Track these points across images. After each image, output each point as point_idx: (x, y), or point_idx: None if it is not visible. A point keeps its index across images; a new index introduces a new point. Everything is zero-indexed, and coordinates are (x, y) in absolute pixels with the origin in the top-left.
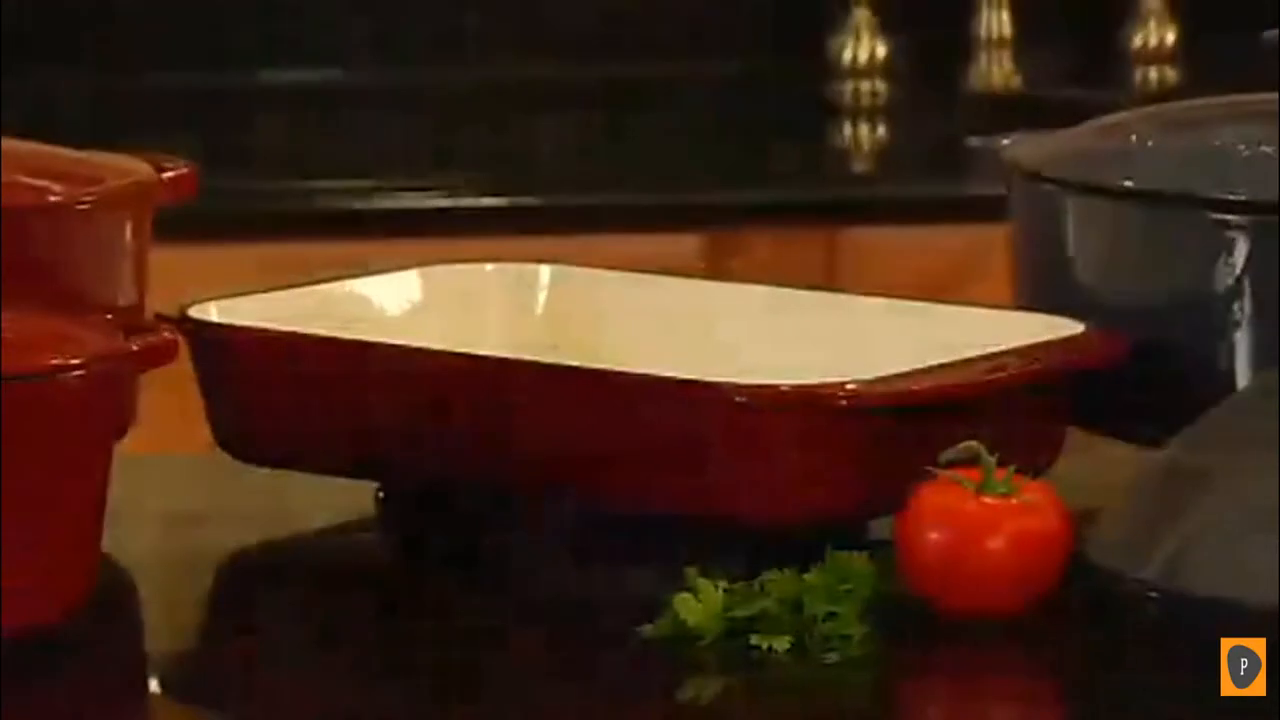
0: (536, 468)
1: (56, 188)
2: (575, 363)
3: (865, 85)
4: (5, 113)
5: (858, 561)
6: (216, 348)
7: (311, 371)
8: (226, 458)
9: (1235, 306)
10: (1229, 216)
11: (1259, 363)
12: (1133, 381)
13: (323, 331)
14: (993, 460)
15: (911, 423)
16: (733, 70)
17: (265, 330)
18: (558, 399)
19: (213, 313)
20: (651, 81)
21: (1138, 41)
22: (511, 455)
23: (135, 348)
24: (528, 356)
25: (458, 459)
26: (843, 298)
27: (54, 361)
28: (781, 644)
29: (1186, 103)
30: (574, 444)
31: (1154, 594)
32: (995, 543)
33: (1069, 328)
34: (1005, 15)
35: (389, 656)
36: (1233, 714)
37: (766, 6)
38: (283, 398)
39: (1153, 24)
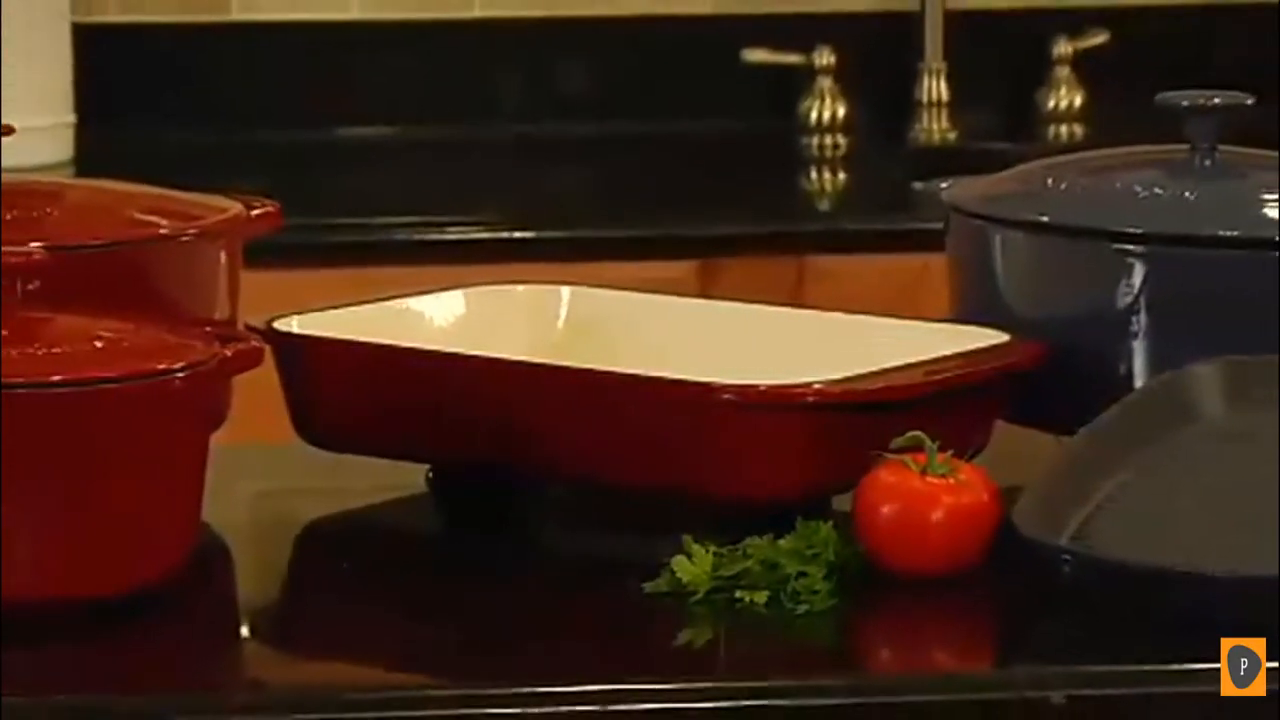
0: (558, 452)
1: (164, 223)
2: (590, 366)
3: (828, 139)
4: (124, 163)
5: (823, 530)
6: (296, 354)
7: (374, 373)
8: (304, 445)
9: (1133, 320)
10: (1128, 246)
11: (1153, 367)
12: (1049, 382)
13: (383, 341)
14: (934, 446)
15: (867, 416)
16: (719, 127)
17: (336, 339)
18: (577, 396)
19: (293, 325)
20: (652, 136)
21: (1051, 103)
22: (537, 442)
23: (228, 354)
24: (552, 361)
25: (494, 445)
26: (810, 314)
27: (161, 366)
28: (760, 598)
29: (1092, 153)
30: (588, 433)
31: (1067, 556)
32: (936, 514)
33: (996, 338)
34: (943, 82)
35: (437, 607)
36: (1137, 658)
37: (748, 75)
38: (350, 395)
39: (1064, 89)
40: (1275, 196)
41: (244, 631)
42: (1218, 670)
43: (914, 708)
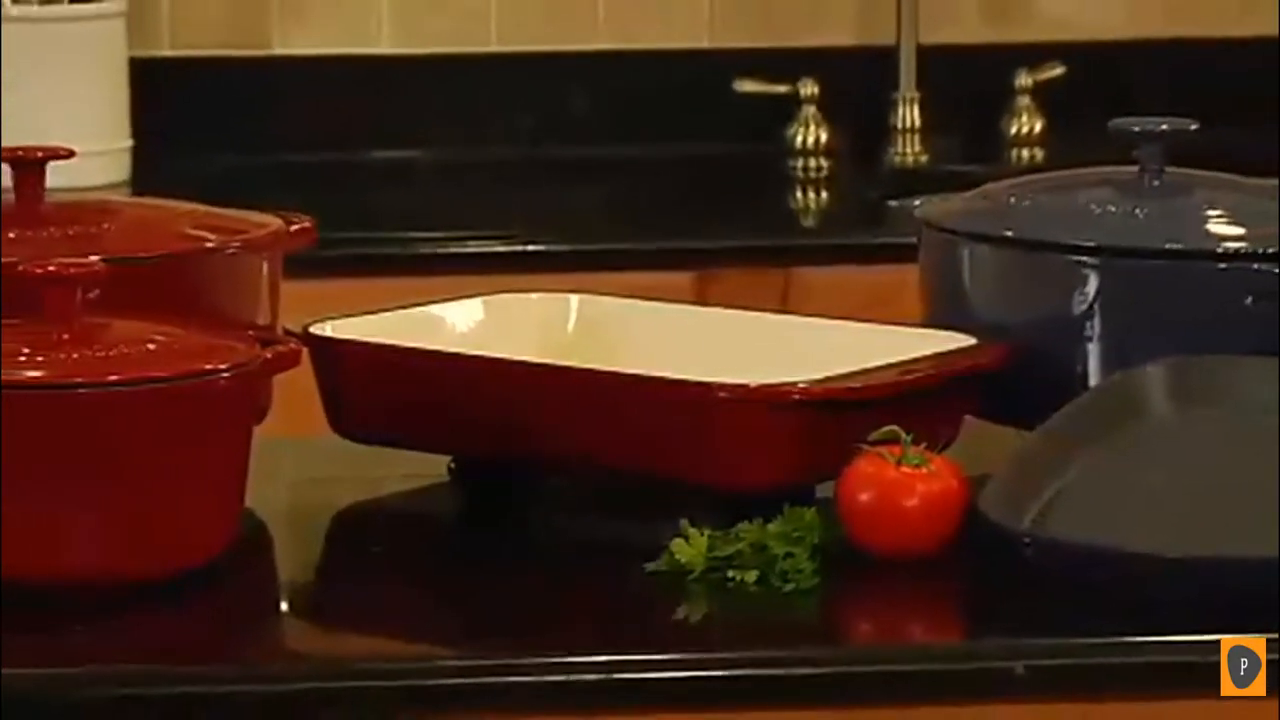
0: (568, 445)
1: (211, 237)
2: (597, 367)
3: (812, 162)
4: (175, 184)
5: (808, 515)
6: (330, 356)
7: (400, 373)
8: (337, 438)
9: (1088, 325)
10: (1083, 258)
11: (1106, 367)
12: (1012, 381)
13: (408, 344)
14: (908, 439)
15: (848, 412)
16: (714, 150)
17: (367, 343)
18: (585, 394)
19: (328, 330)
20: (653, 158)
21: (1013, 130)
22: (549, 436)
23: (269, 356)
24: (562, 363)
25: (509, 438)
26: (795, 319)
27: (208, 366)
28: (750, 577)
29: (1050, 174)
30: (596, 428)
31: (1028, 539)
32: (910, 501)
33: (964, 341)
34: (916, 110)
35: (457, 585)
36: (1091, 632)
37: (739, 103)
38: (379, 393)
39: (1024, 117)
40: (1217, 213)
41: (283, 607)
42: (1163, 643)
43: (889, 676)
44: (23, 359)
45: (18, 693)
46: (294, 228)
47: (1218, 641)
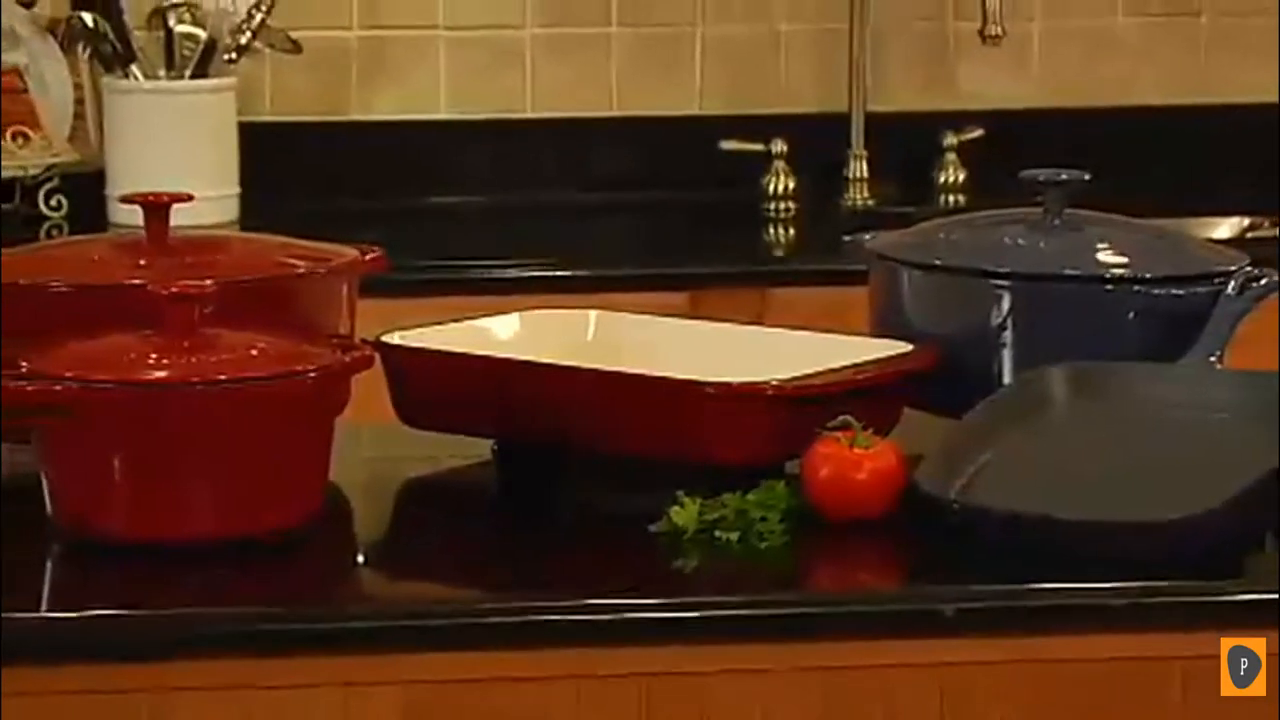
0: (588, 431)
1: (301, 264)
2: (610, 369)
3: (782, 205)
4: (274, 222)
5: (779, 487)
6: (397, 360)
7: (453, 373)
8: (402, 425)
9: (1002, 335)
10: (998, 282)
11: (1016, 369)
12: (942, 379)
13: (460, 350)
14: (859, 425)
15: (811, 404)
16: (704, 196)
17: (427, 349)
18: (600, 390)
19: (396, 338)
20: (655, 201)
21: (942, 179)
22: (572, 424)
23: (348, 360)
24: (582, 365)
25: (541, 426)
26: (769, 330)
27: (299, 368)
28: (733, 536)
29: (972, 214)
30: (610, 417)
31: (955, 506)
32: (860, 476)
33: (904, 348)
34: (865, 164)
35: (499, 543)
36: (1007, 580)
37: (724, 158)
38: (436, 389)
39: (951, 169)
40: (1106, 246)
41: (360, 560)
42: (1066, 588)
43: (843, 615)
44: (151, 363)
45: (148, 629)
46: (368, 257)
47: (1115, 588)
